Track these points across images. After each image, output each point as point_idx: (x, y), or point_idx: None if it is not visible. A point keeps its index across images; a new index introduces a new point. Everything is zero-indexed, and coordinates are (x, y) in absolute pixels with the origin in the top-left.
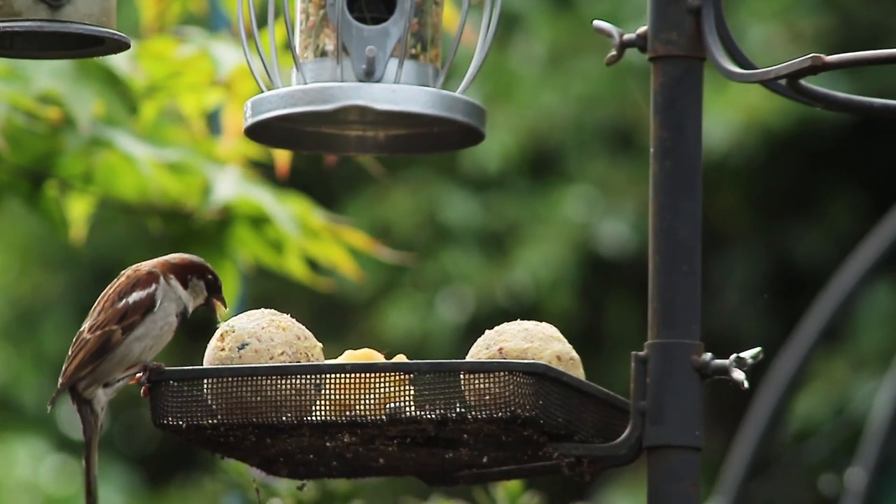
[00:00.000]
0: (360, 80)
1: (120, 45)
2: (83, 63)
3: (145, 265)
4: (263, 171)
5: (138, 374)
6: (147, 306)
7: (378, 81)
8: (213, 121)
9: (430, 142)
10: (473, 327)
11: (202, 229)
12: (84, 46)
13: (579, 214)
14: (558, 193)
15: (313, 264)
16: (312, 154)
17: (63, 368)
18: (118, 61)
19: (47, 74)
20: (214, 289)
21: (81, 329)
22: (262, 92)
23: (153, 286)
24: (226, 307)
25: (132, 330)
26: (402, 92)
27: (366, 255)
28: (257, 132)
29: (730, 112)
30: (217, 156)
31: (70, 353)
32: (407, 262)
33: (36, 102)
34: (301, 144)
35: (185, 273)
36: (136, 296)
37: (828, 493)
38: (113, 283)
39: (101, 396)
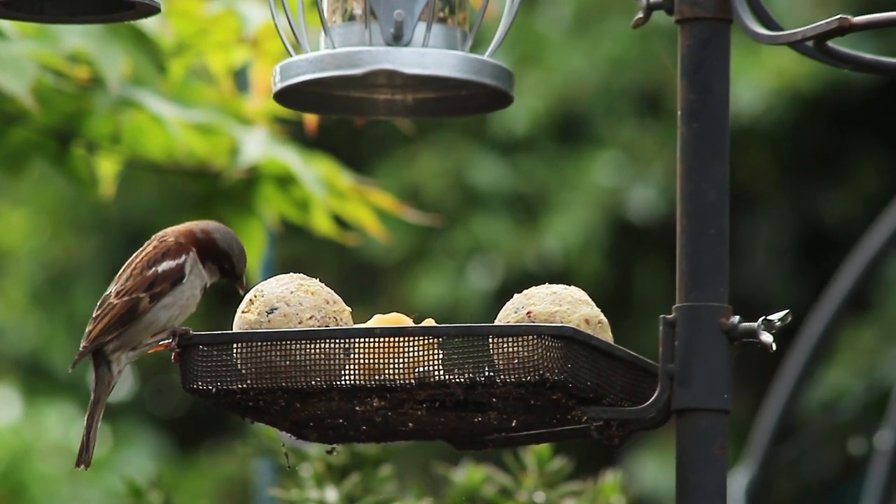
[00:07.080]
0: (389, 44)
1: (150, 10)
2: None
3: (172, 234)
4: (292, 129)
5: (167, 340)
6: (176, 277)
7: (406, 45)
8: (240, 78)
9: (459, 105)
10: (504, 294)
11: (229, 189)
12: (113, 11)
13: (609, 179)
14: (587, 158)
15: (340, 222)
16: (341, 118)
17: (87, 331)
18: (146, 20)
19: (76, 34)
20: (232, 275)
21: (107, 293)
22: (289, 52)
23: (183, 257)
24: (241, 290)
25: (160, 299)
26: (430, 55)
27: (394, 220)
28: (286, 96)
29: (761, 76)
30: (245, 113)
31: (94, 316)
32: (433, 223)
33: (65, 61)
34: (330, 108)
35: (203, 254)
36: (165, 265)
37: (856, 454)
38: (141, 249)
39: (123, 359)
